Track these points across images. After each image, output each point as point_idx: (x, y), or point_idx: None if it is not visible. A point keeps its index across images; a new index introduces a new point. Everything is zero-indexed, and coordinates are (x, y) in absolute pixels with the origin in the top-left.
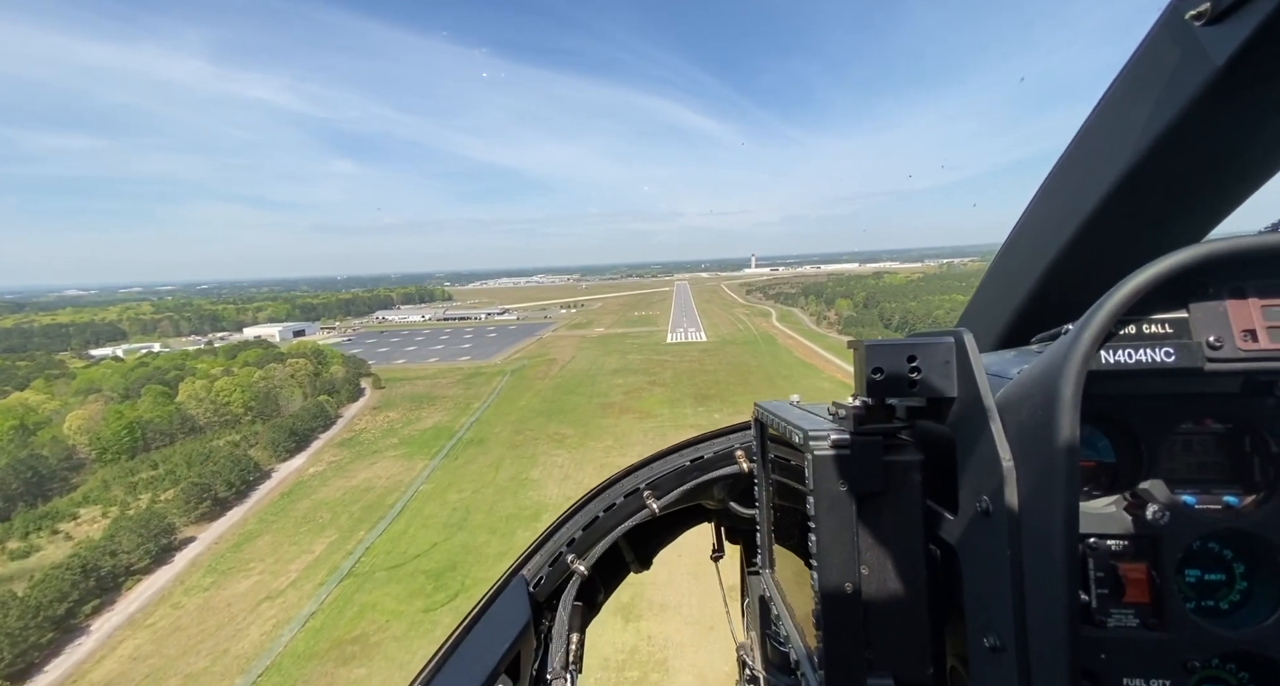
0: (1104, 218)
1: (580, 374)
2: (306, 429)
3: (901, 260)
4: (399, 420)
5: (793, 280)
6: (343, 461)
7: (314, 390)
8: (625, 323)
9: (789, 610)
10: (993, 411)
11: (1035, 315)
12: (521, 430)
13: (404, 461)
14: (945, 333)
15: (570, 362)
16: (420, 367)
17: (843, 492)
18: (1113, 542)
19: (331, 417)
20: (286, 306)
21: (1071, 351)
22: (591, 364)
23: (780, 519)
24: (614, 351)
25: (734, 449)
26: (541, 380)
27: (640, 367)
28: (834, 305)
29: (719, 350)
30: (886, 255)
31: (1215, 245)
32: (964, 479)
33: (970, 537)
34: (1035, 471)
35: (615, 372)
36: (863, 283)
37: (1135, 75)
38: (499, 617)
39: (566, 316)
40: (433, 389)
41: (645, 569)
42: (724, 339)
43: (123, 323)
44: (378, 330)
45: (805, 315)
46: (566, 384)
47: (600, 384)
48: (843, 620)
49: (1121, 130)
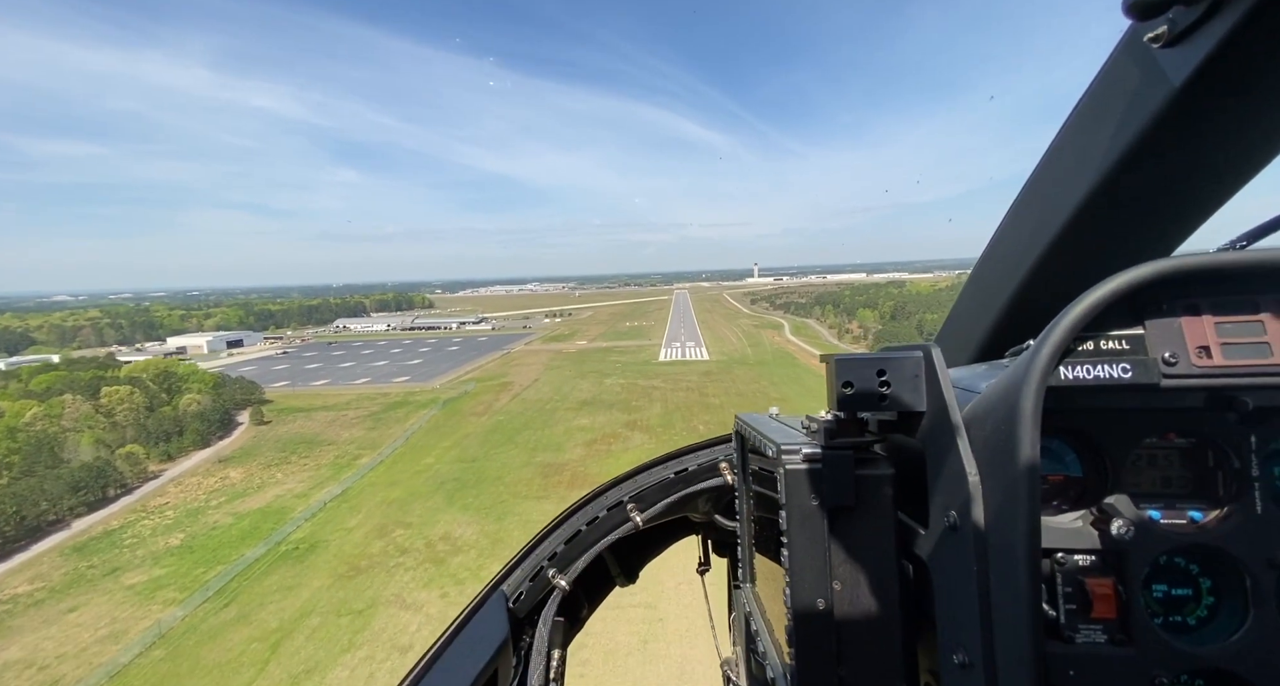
0: (1071, 234)
1: (535, 407)
2: (37, 517)
3: (909, 271)
4: (231, 488)
5: (799, 289)
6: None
7: (137, 432)
8: (613, 334)
9: (767, 625)
10: (959, 426)
11: (1009, 329)
12: (394, 523)
13: (116, 623)
14: (915, 347)
15: (529, 388)
16: (338, 392)
17: (814, 506)
18: (1080, 557)
19: (127, 483)
20: (240, 313)
21: (1031, 367)
22: (555, 391)
23: (760, 532)
24: (590, 372)
25: (718, 461)
26: (479, 416)
27: (618, 398)
28: (855, 316)
29: (725, 373)
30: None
31: (1169, 262)
32: (934, 493)
33: (940, 552)
34: (1000, 486)
35: (582, 407)
36: (884, 291)
37: (1099, 95)
38: (476, 635)
39: (549, 326)
40: (328, 427)
41: (631, 582)
42: (730, 357)
43: (36, 330)
44: (329, 341)
45: (823, 327)
46: (509, 424)
47: (555, 425)
48: (815, 637)
49: (1087, 149)
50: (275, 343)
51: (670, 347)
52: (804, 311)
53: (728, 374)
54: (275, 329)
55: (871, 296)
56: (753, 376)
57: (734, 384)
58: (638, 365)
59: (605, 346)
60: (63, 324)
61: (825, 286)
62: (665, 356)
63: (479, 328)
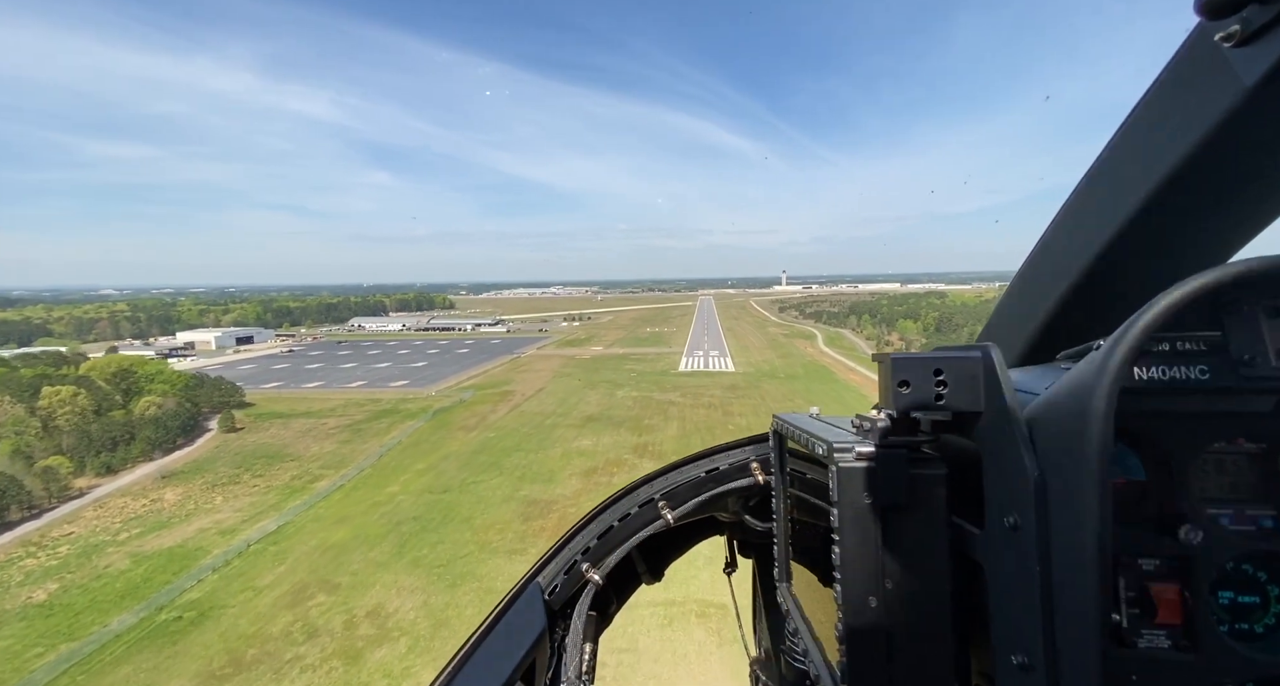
0: (1130, 236)
1: (533, 422)
2: None
3: (944, 282)
4: (155, 515)
5: (830, 298)
6: None
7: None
8: (631, 340)
9: (807, 624)
10: (1022, 427)
11: (1058, 332)
12: (319, 583)
13: None
14: (971, 347)
15: (531, 399)
16: (326, 396)
17: (867, 505)
18: (1144, 562)
19: (37, 504)
20: (258, 309)
21: (1105, 366)
22: (559, 403)
23: (798, 532)
24: (602, 382)
25: (749, 461)
26: (470, 430)
27: (629, 414)
28: (895, 327)
29: (752, 387)
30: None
31: (1251, 263)
32: (991, 494)
33: (997, 553)
34: (1066, 488)
35: (587, 423)
36: (925, 302)
37: (1164, 95)
38: (515, 624)
39: (566, 330)
40: (300, 438)
41: (657, 580)
42: (759, 369)
43: (56, 322)
44: (339, 340)
45: (860, 338)
46: (499, 443)
47: (552, 447)
48: (866, 634)
49: (1149, 149)
50: (286, 340)
51: (692, 356)
52: (837, 321)
53: (755, 389)
54: (289, 326)
55: (912, 307)
56: (784, 392)
57: (763, 400)
58: (655, 375)
59: (622, 352)
60: (83, 316)
61: (858, 296)
62: (686, 366)
63: (494, 330)
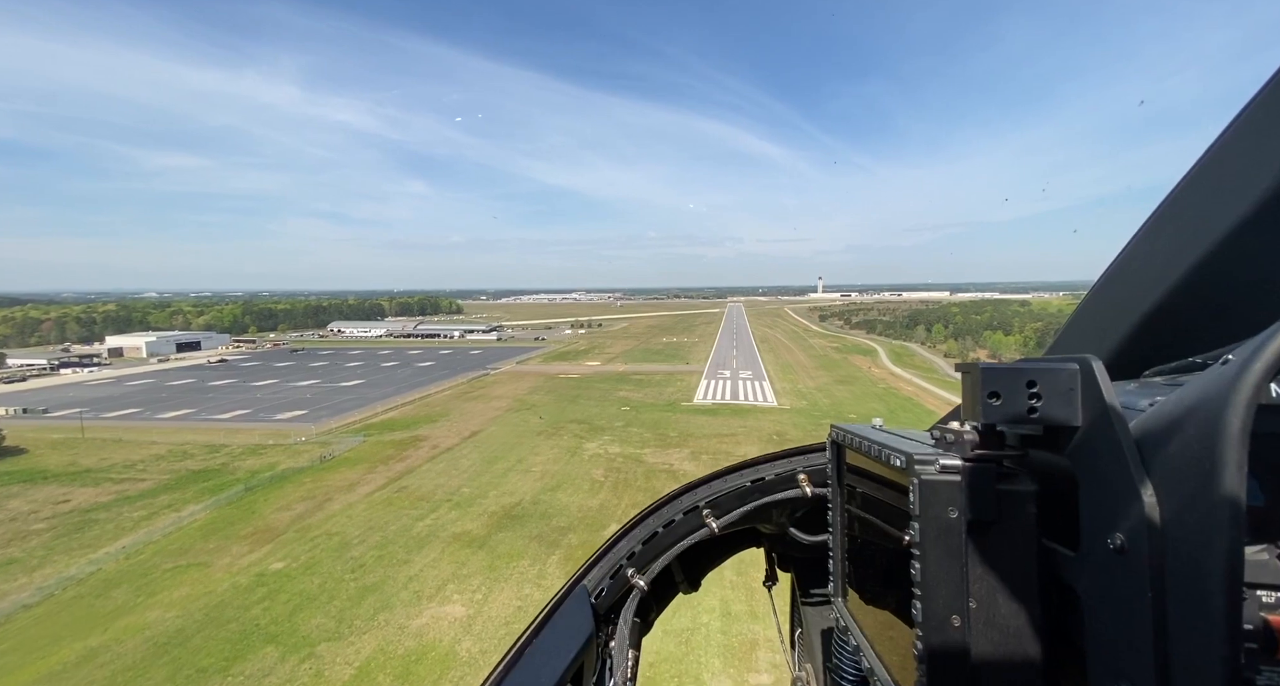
0: (1233, 245)
1: (397, 523)
2: None
3: (999, 291)
4: None
5: (874, 306)
6: None
7: None
8: (639, 353)
9: (869, 641)
10: (1131, 443)
11: (1145, 345)
12: None
13: None
14: (1068, 358)
15: (441, 457)
16: (156, 439)
17: (952, 520)
18: (1263, 594)
19: None
20: (237, 311)
21: (1239, 381)
22: (480, 470)
23: (856, 546)
24: (572, 422)
25: (797, 472)
26: (258, 545)
27: (581, 510)
28: (982, 340)
29: (814, 440)
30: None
31: None
32: (1088, 514)
33: (1096, 577)
34: (1184, 510)
35: (492, 533)
36: (1011, 310)
37: (1274, 99)
38: (563, 626)
39: (567, 338)
40: None
41: (694, 590)
42: (814, 402)
43: None
44: (299, 347)
45: (933, 354)
46: (266, 602)
47: (367, 628)
48: (948, 654)
49: (1257, 154)
50: (242, 346)
51: (716, 379)
52: (895, 332)
53: (817, 438)
54: (255, 331)
55: (995, 316)
56: None
57: None
58: (657, 410)
59: (622, 370)
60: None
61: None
62: (706, 395)
63: (485, 337)
